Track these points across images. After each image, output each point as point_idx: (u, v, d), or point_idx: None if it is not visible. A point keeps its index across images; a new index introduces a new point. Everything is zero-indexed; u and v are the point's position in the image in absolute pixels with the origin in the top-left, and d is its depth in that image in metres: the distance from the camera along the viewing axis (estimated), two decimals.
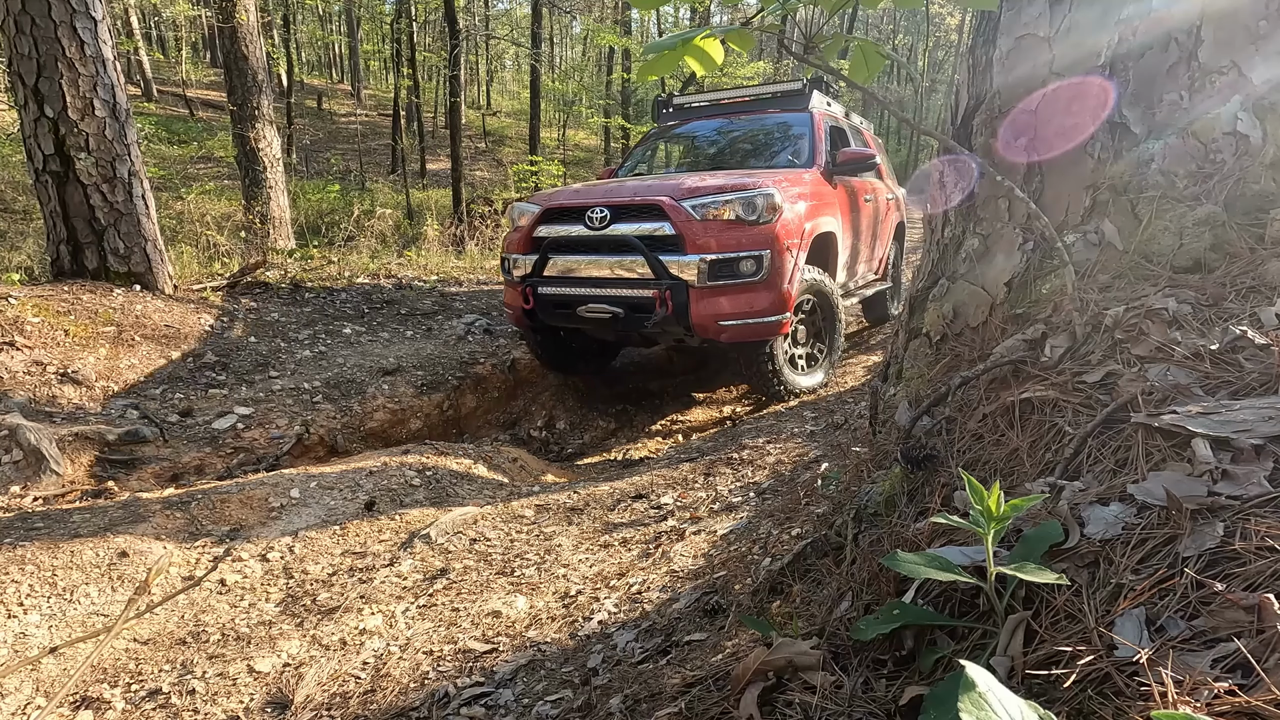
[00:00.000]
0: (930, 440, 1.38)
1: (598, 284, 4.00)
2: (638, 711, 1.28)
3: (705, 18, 19.95)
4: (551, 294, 4.14)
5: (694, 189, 3.86)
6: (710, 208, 3.80)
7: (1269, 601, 0.71)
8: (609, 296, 3.95)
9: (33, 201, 8.11)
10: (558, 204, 4.22)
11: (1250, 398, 1.01)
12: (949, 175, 1.70)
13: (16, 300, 4.29)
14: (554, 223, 4.20)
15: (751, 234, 3.78)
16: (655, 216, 3.86)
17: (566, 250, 4.13)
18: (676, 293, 3.73)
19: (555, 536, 2.51)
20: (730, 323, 3.80)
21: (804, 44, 1.41)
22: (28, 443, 3.03)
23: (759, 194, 3.81)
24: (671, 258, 3.76)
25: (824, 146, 4.90)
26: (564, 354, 4.89)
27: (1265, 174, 1.33)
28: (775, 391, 4.22)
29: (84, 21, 4.75)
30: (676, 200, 3.81)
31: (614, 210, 3.96)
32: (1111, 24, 1.43)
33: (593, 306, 3.98)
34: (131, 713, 1.67)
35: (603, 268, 3.99)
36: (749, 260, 3.75)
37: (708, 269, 3.70)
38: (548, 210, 4.23)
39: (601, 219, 3.94)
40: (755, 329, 3.84)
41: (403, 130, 19.39)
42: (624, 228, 3.90)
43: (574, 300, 4.06)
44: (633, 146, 5.96)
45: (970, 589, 0.98)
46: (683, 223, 3.75)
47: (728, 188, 3.85)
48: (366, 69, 31.93)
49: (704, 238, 3.74)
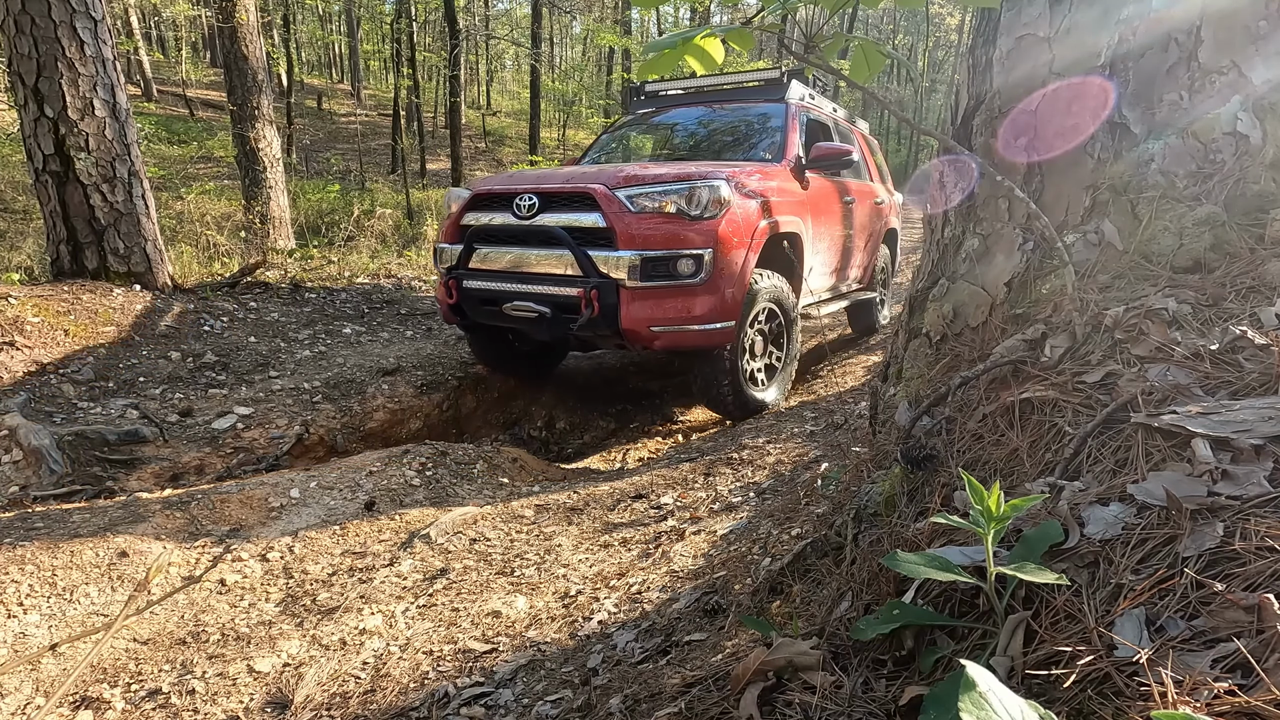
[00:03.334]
0: (930, 440, 1.38)
1: (524, 279, 3.63)
2: (637, 711, 1.28)
3: (705, 17, 19.96)
4: (477, 288, 3.78)
5: (632, 177, 3.51)
6: (648, 199, 3.43)
7: (1269, 601, 0.71)
8: (535, 294, 3.58)
9: (33, 201, 8.11)
10: (486, 189, 3.88)
11: (1250, 398, 1.01)
12: (949, 175, 1.70)
13: (16, 300, 4.29)
14: (481, 210, 3.85)
15: (692, 230, 3.41)
16: (586, 207, 3.49)
17: (492, 240, 3.78)
18: (605, 293, 3.36)
19: (555, 536, 2.51)
20: (664, 329, 3.43)
21: (804, 43, 1.41)
22: (28, 443, 3.03)
23: (704, 186, 3.44)
24: (601, 253, 3.40)
25: (797, 140, 4.52)
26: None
27: (1265, 174, 1.33)
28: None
29: (84, 21, 4.75)
30: (611, 189, 3.44)
31: (543, 198, 3.59)
32: (1111, 24, 1.43)
33: (519, 304, 3.61)
34: (131, 713, 1.67)
35: (529, 261, 3.62)
36: (687, 259, 3.38)
37: (640, 267, 3.33)
38: (475, 196, 3.89)
39: (529, 207, 3.58)
40: (692, 337, 3.47)
41: (403, 130, 19.39)
42: (552, 218, 3.54)
43: (500, 296, 3.70)
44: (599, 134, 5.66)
45: (970, 589, 0.98)
46: (615, 214, 3.38)
47: (669, 178, 3.50)
48: (366, 69, 31.93)
49: (638, 232, 3.36)
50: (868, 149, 6.21)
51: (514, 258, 3.67)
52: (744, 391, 3.82)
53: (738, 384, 3.77)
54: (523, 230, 3.62)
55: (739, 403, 3.82)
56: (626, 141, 5.41)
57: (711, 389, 3.79)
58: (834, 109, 5.65)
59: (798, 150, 4.45)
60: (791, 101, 4.78)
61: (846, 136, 5.70)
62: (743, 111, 4.95)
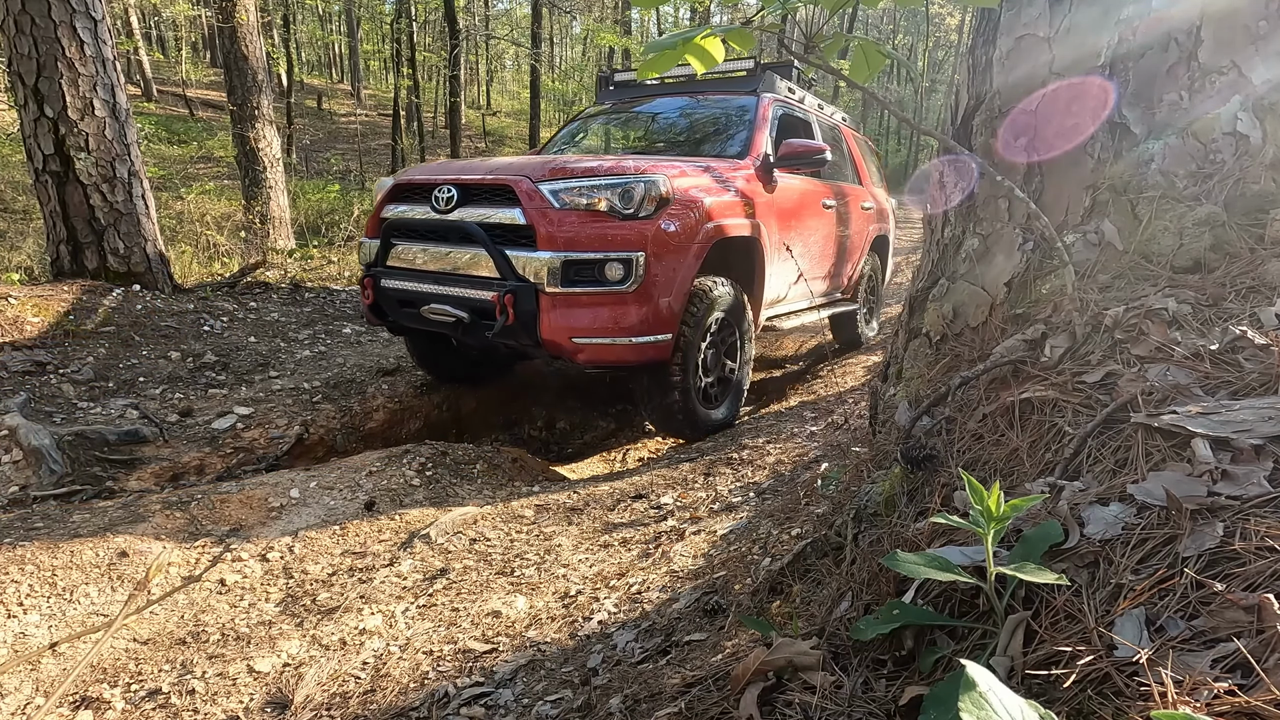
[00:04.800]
0: (930, 440, 1.38)
1: (441, 280, 3.33)
2: (637, 711, 1.28)
3: (705, 17, 19.96)
4: (395, 288, 3.49)
5: (560, 170, 3.19)
6: (575, 194, 3.10)
7: (1269, 601, 0.71)
8: (453, 296, 3.27)
9: (33, 201, 8.11)
10: (406, 179, 3.59)
11: (1250, 398, 1.01)
12: (949, 175, 1.70)
13: (16, 300, 4.29)
14: (401, 202, 3.56)
15: (624, 231, 3.08)
16: (506, 201, 3.18)
17: (411, 236, 3.49)
18: (522, 298, 3.05)
19: (555, 536, 2.51)
20: (589, 340, 3.10)
21: (804, 43, 1.42)
22: (28, 443, 3.03)
23: (639, 181, 3.12)
24: (520, 253, 3.09)
25: (765, 136, 4.15)
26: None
27: (1265, 174, 1.33)
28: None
29: (84, 21, 4.75)
30: (535, 182, 3.12)
31: (463, 190, 3.29)
32: (1111, 24, 1.43)
33: (436, 307, 3.30)
34: (131, 712, 1.67)
35: (446, 260, 3.32)
36: (616, 263, 3.05)
37: (561, 270, 3.01)
38: (396, 187, 3.61)
39: (448, 200, 3.28)
40: (621, 350, 3.14)
41: (403, 130, 19.39)
42: (470, 212, 3.24)
43: (418, 297, 3.40)
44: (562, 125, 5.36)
45: (970, 589, 0.98)
46: (536, 210, 3.07)
47: (601, 171, 3.18)
48: (366, 69, 31.94)
49: (561, 231, 3.03)
50: (858, 151, 5.91)
51: (431, 255, 3.38)
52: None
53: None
54: (440, 225, 3.34)
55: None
56: (586, 134, 5.06)
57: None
58: (818, 105, 5.32)
59: (765, 148, 4.12)
60: (764, 95, 4.45)
61: (832, 136, 5.38)
62: (712, 105, 4.64)
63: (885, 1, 1.41)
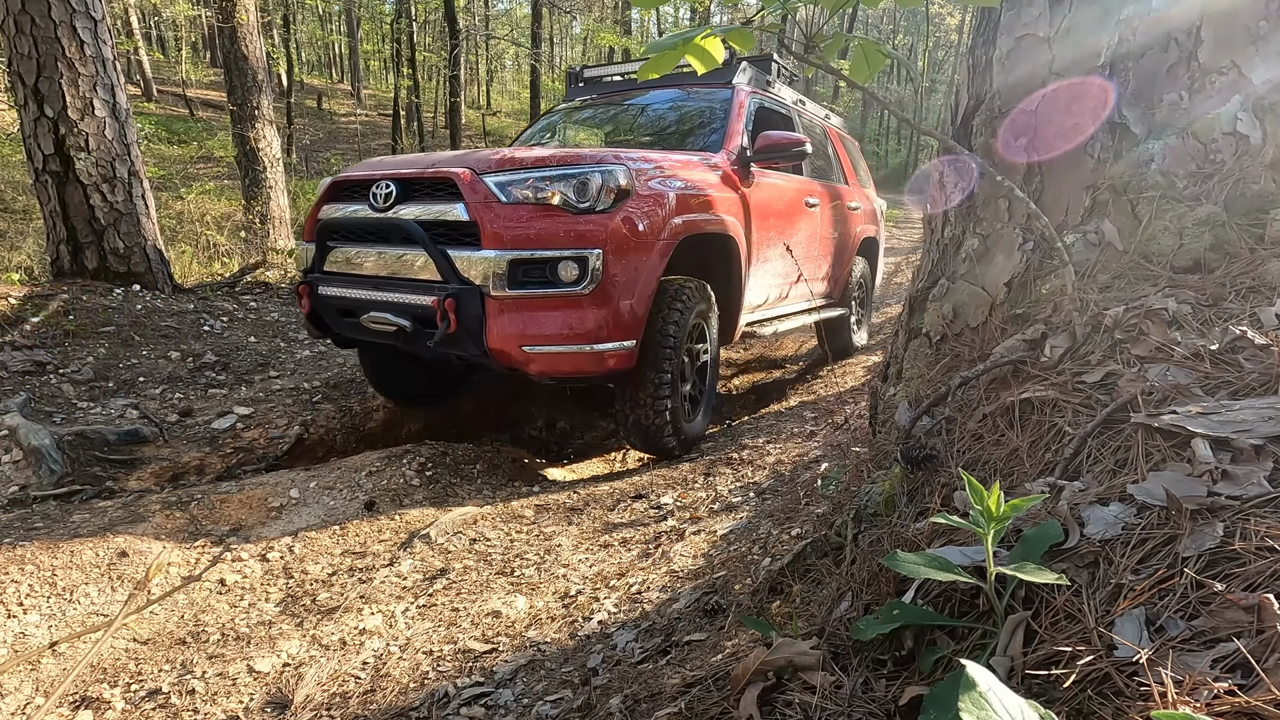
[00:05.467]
0: (930, 440, 1.38)
1: (380, 285, 3.03)
2: (637, 711, 1.28)
3: (705, 17, 19.97)
4: (333, 296, 3.18)
5: (508, 161, 2.91)
6: (525, 187, 2.80)
7: (1269, 601, 0.71)
8: (394, 303, 2.96)
9: (33, 201, 8.11)
10: (344, 176, 3.29)
11: (1250, 398, 1.01)
12: (949, 175, 1.70)
13: (16, 300, 4.29)
14: (339, 201, 3.26)
15: (578, 226, 2.77)
16: (449, 196, 2.88)
17: (349, 238, 3.20)
18: (466, 302, 2.75)
19: (555, 536, 2.51)
20: (540, 349, 2.80)
21: (804, 43, 1.42)
22: (28, 443, 3.03)
23: (595, 171, 2.83)
24: (464, 253, 2.79)
25: (741, 129, 3.87)
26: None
27: (1265, 174, 1.33)
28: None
29: (84, 21, 4.76)
30: (479, 174, 2.83)
31: (403, 186, 3.00)
32: (1111, 24, 1.43)
33: (376, 315, 2.99)
34: (131, 712, 1.67)
35: (385, 263, 3.03)
36: (570, 262, 2.74)
37: (508, 271, 2.71)
38: (333, 184, 3.31)
39: (386, 197, 2.99)
40: (577, 360, 2.84)
41: (403, 130, 19.40)
42: (410, 209, 2.95)
43: (357, 305, 3.09)
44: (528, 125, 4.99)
45: (970, 589, 0.98)
46: (480, 205, 2.77)
47: (554, 161, 2.91)
48: (366, 69, 31.96)
49: (508, 228, 2.73)
50: (844, 149, 5.71)
51: (370, 258, 3.09)
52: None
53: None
54: (378, 225, 3.04)
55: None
56: (553, 132, 4.76)
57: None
58: (800, 100, 5.04)
59: (741, 141, 3.83)
60: (740, 87, 4.18)
61: (815, 133, 5.13)
62: (684, 98, 4.38)
63: (885, 1, 1.41)
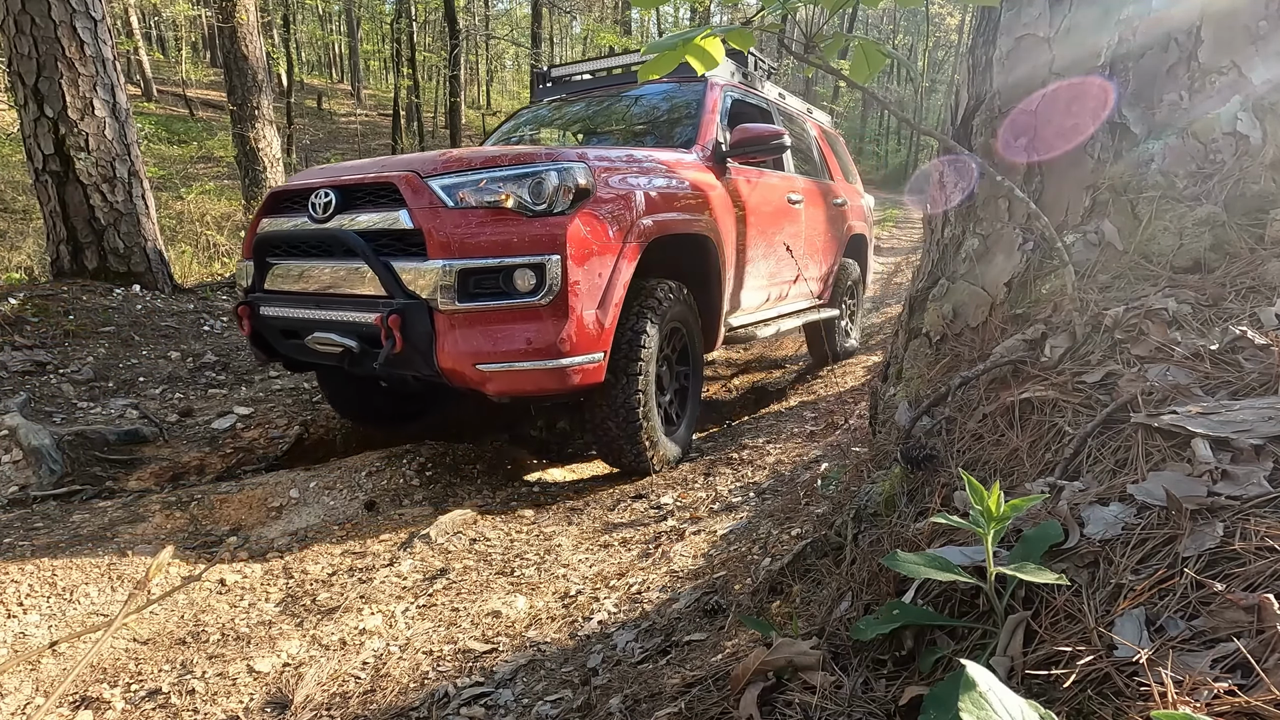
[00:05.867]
0: (930, 440, 1.38)
1: (324, 303, 2.75)
2: (637, 711, 1.28)
3: (705, 17, 19.97)
4: (275, 316, 2.91)
5: (454, 161, 2.68)
6: (473, 190, 2.55)
7: (1269, 601, 0.71)
8: (338, 322, 2.70)
9: (33, 201, 8.12)
10: (284, 187, 3.05)
11: (1250, 398, 1.01)
12: (949, 175, 1.70)
13: (16, 300, 4.29)
14: (278, 213, 3.00)
15: (533, 230, 2.52)
16: (391, 202, 2.63)
17: (289, 252, 2.94)
18: (413, 318, 2.50)
19: (555, 536, 2.51)
20: (496, 366, 2.53)
21: (804, 43, 1.42)
22: (28, 443, 3.03)
23: (550, 170, 2.57)
24: (409, 264, 2.54)
25: (715, 123, 3.67)
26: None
27: (1265, 174, 1.33)
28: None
29: (84, 21, 4.76)
30: (424, 178, 2.59)
31: (343, 193, 2.74)
32: (1111, 24, 1.43)
33: (321, 336, 2.74)
34: (131, 712, 1.67)
35: (327, 279, 2.76)
36: (526, 270, 2.49)
37: (457, 282, 2.46)
38: (273, 196, 3.06)
39: (326, 207, 2.73)
40: (538, 378, 2.57)
41: (403, 130, 19.41)
42: (350, 218, 2.70)
43: (301, 325, 2.83)
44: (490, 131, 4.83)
45: (970, 589, 0.98)
46: (424, 211, 2.52)
47: (505, 160, 2.64)
48: (366, 69, 31.97)
49: (456, 235, 2.49)
50: (828, 146, 5.55)
51: (312, 274, 2.81)
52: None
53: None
54: (316, 237, 2.78)
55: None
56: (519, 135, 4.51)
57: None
58: (780, 94, 4.82)
59: (716, 135, 3.62)
60: (714, 80, 3.94)
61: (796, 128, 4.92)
62: (656, 94, 4.13)
63: (885, 1, 1.41)
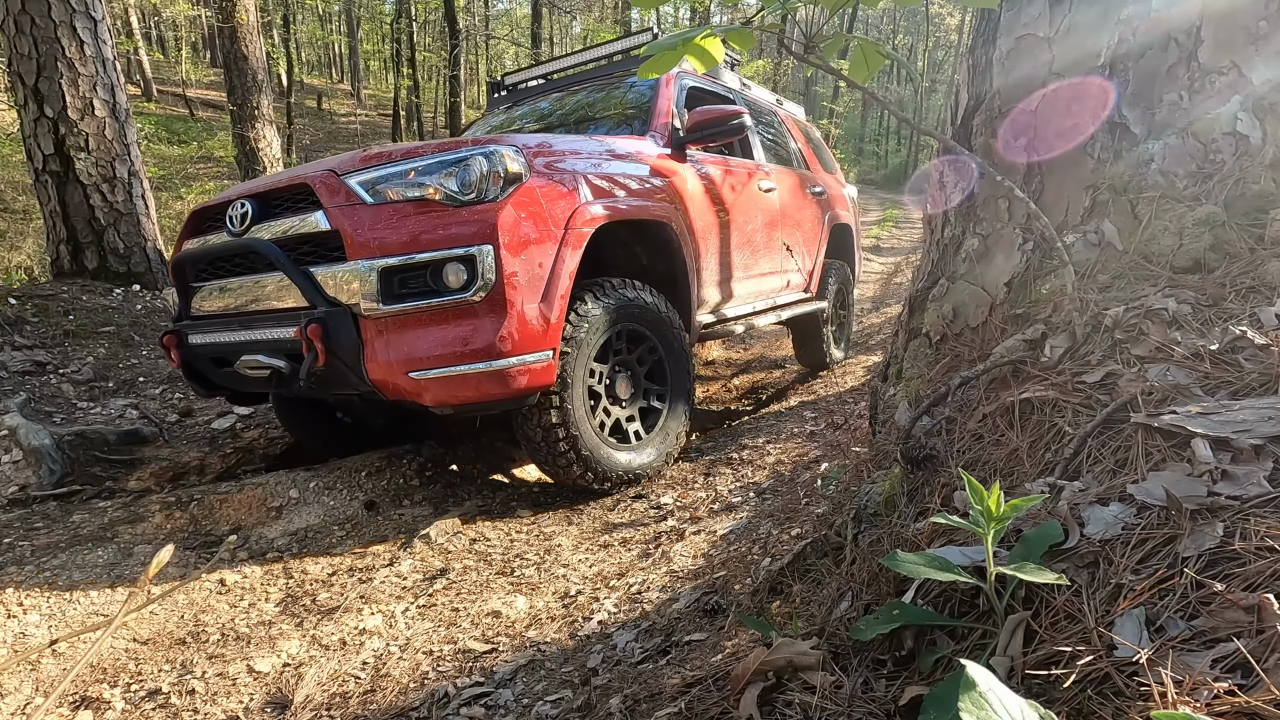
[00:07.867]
0: (930, 440, 1.38)
1: (248, 323, 2.57)
2: (637, 711, 1.28)
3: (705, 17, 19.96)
4: (203, 344, 2.71)
5: (374, 157, 2.48)
6: (393, 183, 2.36)
7: (1269, 601, 0.71)
8: (264, 341, 2.51)
9: (33, 201, 8.12)
10: (204, 205, 2.87)
11: (1250, 398, 1.01)
12: (949, 175, 1.70)
13: (16, 300, 4.29)
14: (200, 233, 2.82)
15: (461, 220, 2.31)
16: (307, 206, 2.46)
17: (212, 272, 2.76)
18: (335, 327, 2.29)
19: (555, 536, 2.51)
20: (431, 373, 2.30)
21: (804, 43, 1.42)
22: (28, 443, 3.03)
23: (476, 155, 2.37)
24: (328, 269, 2.34)
25: (669, 109, 3.48)
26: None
27: (1265, 174, 1.33)
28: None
29: (84, 21, 4.76)
30: (341, 176, 2.40)
31: (259, 202, 2.57)
32: (1111, 24, 1.43)
33: (249, 359, 2.55)
34: (131, 712, 1.67)
35: (249, 295, 2.59)
36: (456, 264, 2.28)
37: (379, 283, 2.26)
38: (195, 215, 2.86)
39: (243, 218, 2.56)
40: (479, 383, 2.33)
41: (403, 130, 19.41)
42: (267, 227, 2.51)
43: (230, 350, 2.63)
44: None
45: (970, 589, 0.98)
46: (341, 210, 2.33)
47: (427, 150, 2.45)
48: (366, 69, 31.98)
49: (376, 232, 2.29)
50: (801, 135, 5.38)
51: (233, 292, 2.64)
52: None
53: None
54: (235, 250, 2.60)
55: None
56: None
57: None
58: (743, 83, 4.65)
59: (670, 120, 3.44)
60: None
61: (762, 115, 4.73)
62: (609, 88, 3.98)
63: (885, 1, 1.41)
